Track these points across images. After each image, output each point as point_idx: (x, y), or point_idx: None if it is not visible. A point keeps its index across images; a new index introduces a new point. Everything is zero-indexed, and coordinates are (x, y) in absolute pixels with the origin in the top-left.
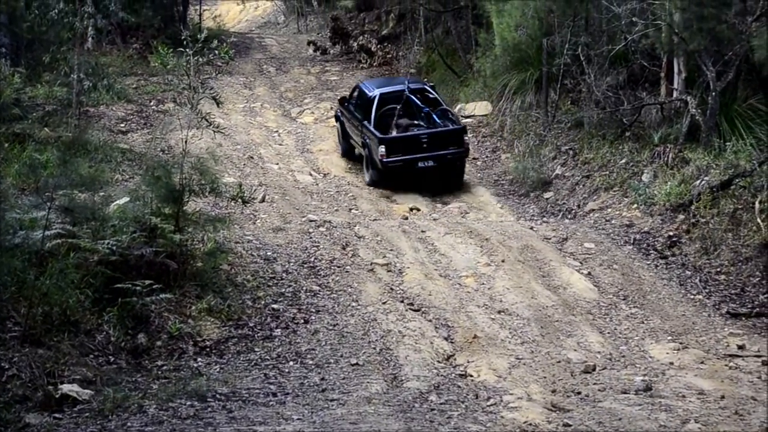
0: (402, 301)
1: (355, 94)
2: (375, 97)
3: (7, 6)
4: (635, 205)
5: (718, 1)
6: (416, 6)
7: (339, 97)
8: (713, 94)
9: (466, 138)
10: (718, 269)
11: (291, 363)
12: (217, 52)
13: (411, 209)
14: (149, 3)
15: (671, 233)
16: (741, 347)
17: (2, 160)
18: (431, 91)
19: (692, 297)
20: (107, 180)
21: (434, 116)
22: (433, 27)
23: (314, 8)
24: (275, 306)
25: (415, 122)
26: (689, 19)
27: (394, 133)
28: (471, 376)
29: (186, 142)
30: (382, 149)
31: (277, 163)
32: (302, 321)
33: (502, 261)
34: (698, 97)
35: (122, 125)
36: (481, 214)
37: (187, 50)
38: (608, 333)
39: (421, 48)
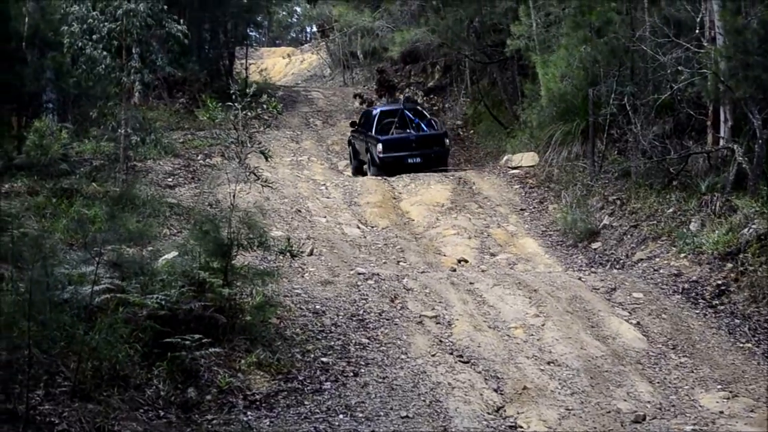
0: (451, 353)
1: (363, 117)
2: (377, 113)
3: (54, 62)
4: (683, 254)
5: (763, 49)
6: (462, 58)
7: (350, 121)
8: (760, 141)
9: (447, 140)
10: (767, 317)
11: (341, 416)
12: (265, 106)
13: (459, 261)
14: (195, 57)
15: (720, 282)
16: None
17: (50, 215)
18: (420, 108)
19: (741, 345)
20: (155, 234)
21: (422, 125)
22: (478, 78)
23: (360, 61)
24: (324, 359)
25: (408, 130)
26: (735, 67)
27: (390, 136)
28: (521, 427)
29: (234, 196)
30: (380, 147)
31: (325, 216)
32: (352, 374)
33: (551, 312)
34: (745, 145)
35: (170, 180)
36: (530, 265)
37: (236, 104)
38: (658, 382)
39: (467, 99)
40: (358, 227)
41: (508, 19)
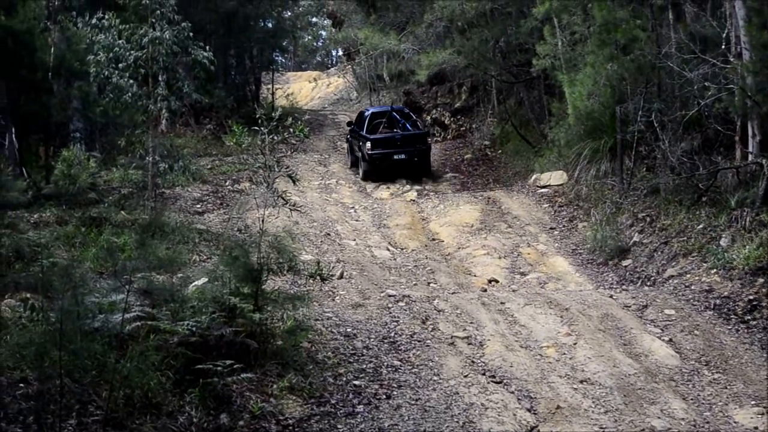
0: (484, 374)
1: (357, 117)
2: (369, 114)
3: (80, 91)
4: (714, 270)
5: None
6: (488, 78)
7: (347, 121)
8: None
9: (429, 139)
10: None
11: None
12: (292, 130)
13: (490, 281)
14: (222, 84)
15: (751, 297)
16: None
17: (80, 244)
18: (408, 111)
19: None
20: (185, 261)
21: (408, 125)
22: (505, 98)
23: (386, 83)
24: (357, 382)
25: (395, 130)
26: (762, 82)
27: (378, 135)
28: None
29: (263, 220)
30: (368, 145)
31: (354, 239)
32: (384, 396)
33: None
34: None
35: (198, 206)
36: (560, 284)
37: (262, 129)
38: (691, 399)
39: (495, 119)
40: (388, 249)
41: (534, 38)
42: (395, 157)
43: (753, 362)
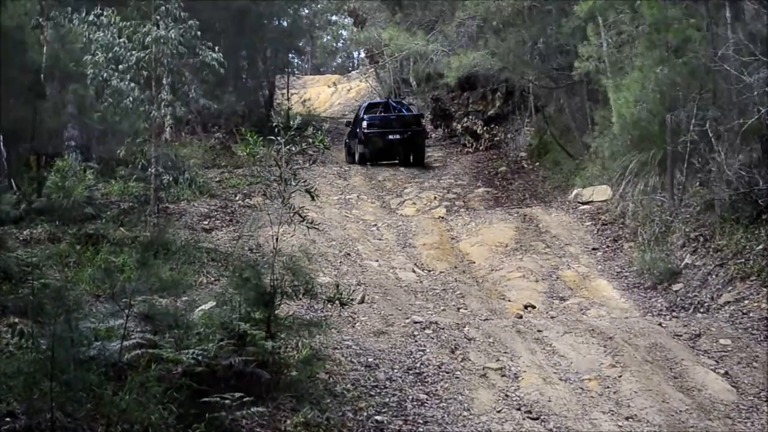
0: (518, 409)
1: (357, 112)
2: (366, 104)
3: (76, 95)
4: None
5: None
6: (525, 83)
7: (346, 121)
8: None
9: (423, 121)
10: None
11: None
12: (311, 140)
13: (526, 306)
14: (232, 88)
15: None
16: None
17: (74, 264)
18: (405, 102)
19: None
20: (191, 283)
21: (403, 110)
22: (544, 105)
23: (413, 88)
24: (378, 418)
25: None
26: None
27: (374, 115)
28: None
29: (277, 239)
30: (364, 124)
31: (377, 260)
32: None
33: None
34: None
35: (205, 222)
36: (603, 310)
37: (278, 138)
38: None
39: (532, 129)
40: (414, 271)
41: (576, 39)
42: (390, 137)
43: None
